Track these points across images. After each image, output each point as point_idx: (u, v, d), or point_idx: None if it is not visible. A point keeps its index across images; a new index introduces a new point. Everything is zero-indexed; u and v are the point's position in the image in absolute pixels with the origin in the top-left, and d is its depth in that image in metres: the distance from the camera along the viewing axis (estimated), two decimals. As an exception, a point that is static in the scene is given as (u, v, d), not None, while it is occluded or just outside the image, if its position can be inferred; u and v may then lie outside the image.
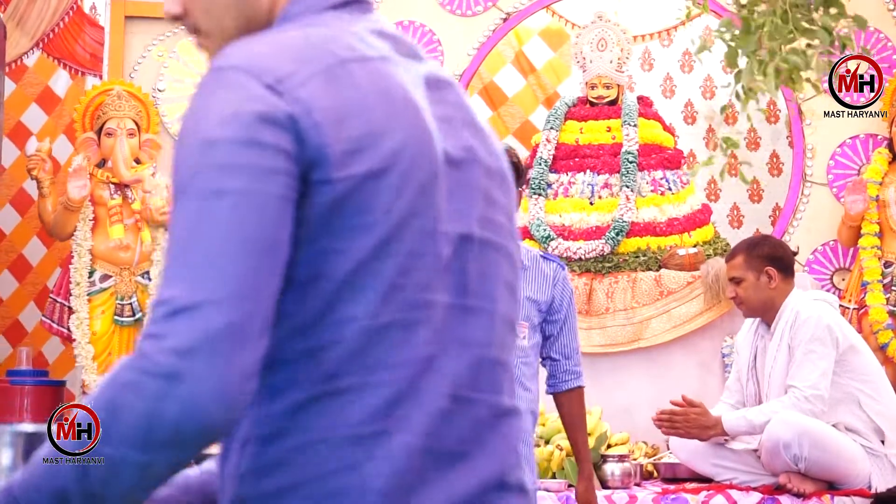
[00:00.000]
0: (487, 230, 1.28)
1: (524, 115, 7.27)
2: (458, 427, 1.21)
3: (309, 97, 1.15)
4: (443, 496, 1.18)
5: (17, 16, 6.16)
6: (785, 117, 6.54)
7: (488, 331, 1.26)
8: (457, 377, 1.21)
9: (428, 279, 1.19)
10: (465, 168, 1.27)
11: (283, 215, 1.12)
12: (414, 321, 1.18)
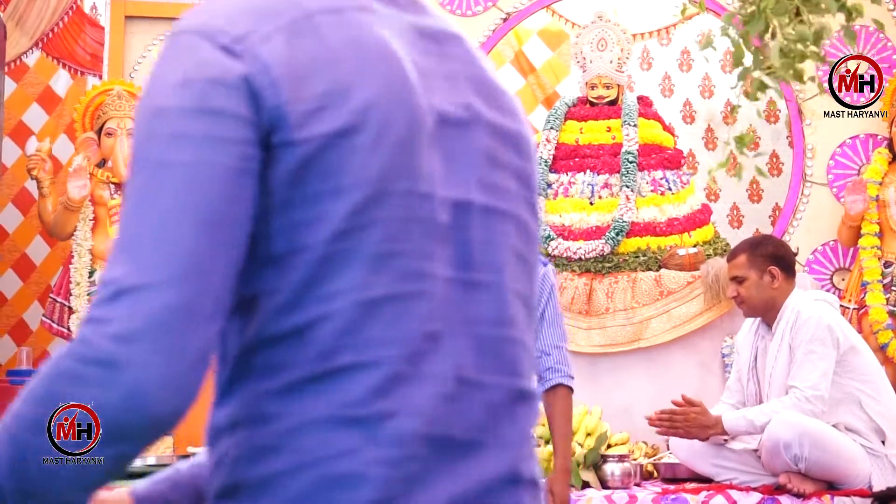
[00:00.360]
0: (492, 196, 1.18)
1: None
2: (468, 413, 1.12)
3: (268, 55, 1.06)
4: (451, 489, 1.09)
5: (16, 15, 6.16)
6: (785, 117, 6.54)
7: (498, 307, 1.17)
8: (462, 358, 1.12)
9: (423, 247, 1.10)
10: (463, 128, 1.17)
11: (239, 187, 1.03)
12: (410, 294, 1.09)
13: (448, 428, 1.10)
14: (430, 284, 1.10)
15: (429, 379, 1.09)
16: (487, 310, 1.16)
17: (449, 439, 1.10)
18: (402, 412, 1.07)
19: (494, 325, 1.16)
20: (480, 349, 1.14)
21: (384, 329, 1.07)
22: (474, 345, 1.14)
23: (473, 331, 1.14)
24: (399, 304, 1.08)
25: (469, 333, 1.14)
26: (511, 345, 1.18)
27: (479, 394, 1.14)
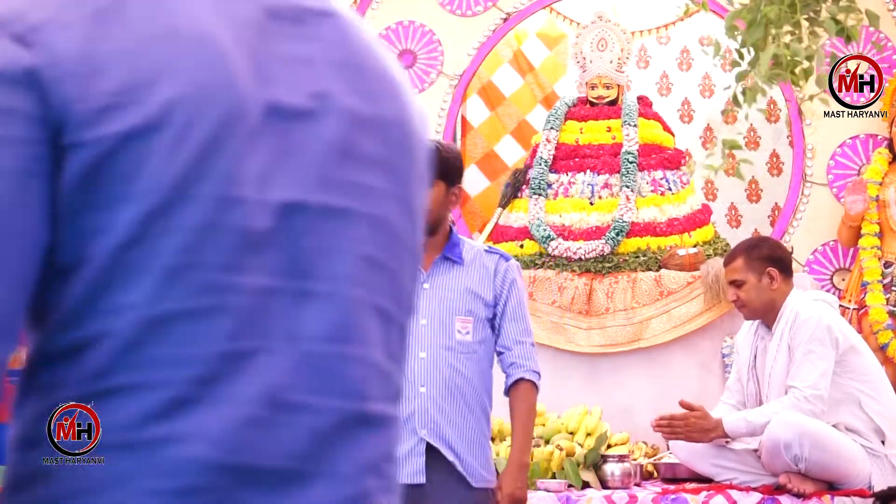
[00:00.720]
0: (338, 195, 1.04)
1: (521, 115, 7.27)
2: (286, 439, 0.98)
3: (62, 45, 0.94)
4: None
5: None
6: (785, 117, 6.54)
7: (334, 320, 1.02)
8: (280, 377, 0.98)
9: (230, 258, 0.97)
10: (306, 119, 1.03)
11: (26, 192, 0.92)
12: (209, 309, 0.96)
13: (255, 456, 0.97)
14: (235, 299, 0.97)
15: (227, 402, 0.96)
16: (319, 324, 1.02)
17: (257, 469, 0.97)
18: (188, 438, 0.95)
19: (328, 341, 1.02)
20: (307, 368, 1.01)
21: (173, 348, 0.95)
22: (299, 363, 1.00)
23: (300, 348, 1.01)
24: (194, 322, 0.96)
25: (293, 350, 1.00)
26: (351, 363, 1.04)
27: (302, 418, 1.00)
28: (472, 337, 3.33)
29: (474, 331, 3.33)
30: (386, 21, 6.37)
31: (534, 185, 5.99)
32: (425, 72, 6.34)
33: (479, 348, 3.34)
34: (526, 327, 3.43)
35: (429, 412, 3.23)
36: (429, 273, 3.34)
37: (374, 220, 1.06)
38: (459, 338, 3.30)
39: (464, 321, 3.32)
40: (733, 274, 4.52)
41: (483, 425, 3.35)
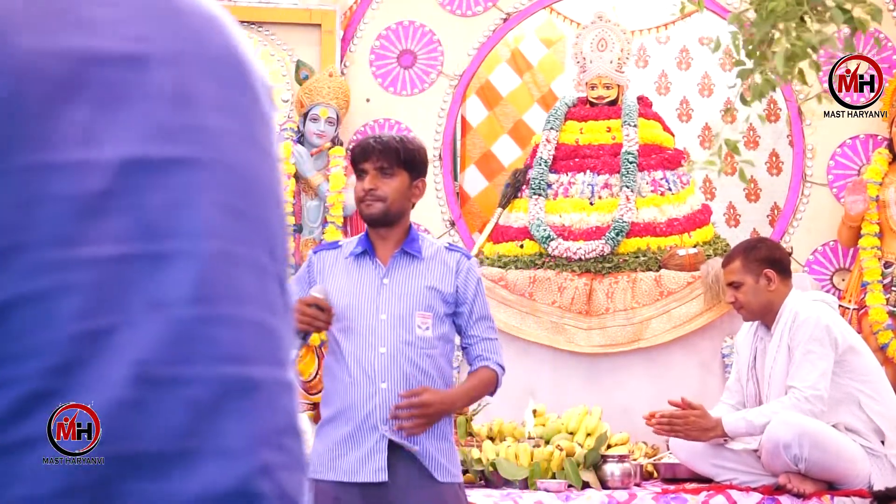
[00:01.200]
0: (179, 144, 0.92)
1: (518, 115, 7.27)
2: (164, 418, 0.88)
3: None
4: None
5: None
6: (785, 116, 6.54)
7: (197, 280, 0.91)
8: (147, 351, 0.88)
9: (64, 230, 0.87)
10: (132, 66, 0.92)
11: None
12: (49, 290, 0.86)
13: (135, 442, 0.88)
14: (79, 274, 0.87)
15: (93, 388, 0.86)
16: (183, 286, 0.90)
17: (139, 455, 0.88)
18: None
19: (195, 303, 0.90)
20: (176, 336, 0.89)
21: (15, 340, 0.85)
22: (166, 332, 0.89)
23: (165, 315, 0.89)
24: (33, 306, 0.85)
25: (158, 319, 0.89)
26: (225, 324, 0.92)
27: (179, 391, 0.89)
28: (432, 332, 3.30)
29: (433, 326, 3.31)
30: (386, 21, 6.37)
31: (534, 186, 5.99)
32: (425, 72, 6.34)
33: (438, 344, 3.32)
34: (492, 325, 3.45)
35: (390, 408, 3.22)
36: (388, 267, 3.32)
37: (225, 166, 0.95)
38: (420, 333, 3.28)
39: (423, 316, 3.29)
40: (731, 275, 4.53)
41: (445, 420, 3.33)
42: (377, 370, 3.23)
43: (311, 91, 5.97)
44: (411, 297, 3.30)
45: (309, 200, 5.94)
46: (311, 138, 5.98)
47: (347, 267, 3.35)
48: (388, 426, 3.20)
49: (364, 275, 3.33)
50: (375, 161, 3.29)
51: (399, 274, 3.33)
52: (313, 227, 5.93)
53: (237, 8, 6.32)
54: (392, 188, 3.29)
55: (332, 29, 6.26)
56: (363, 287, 3.32)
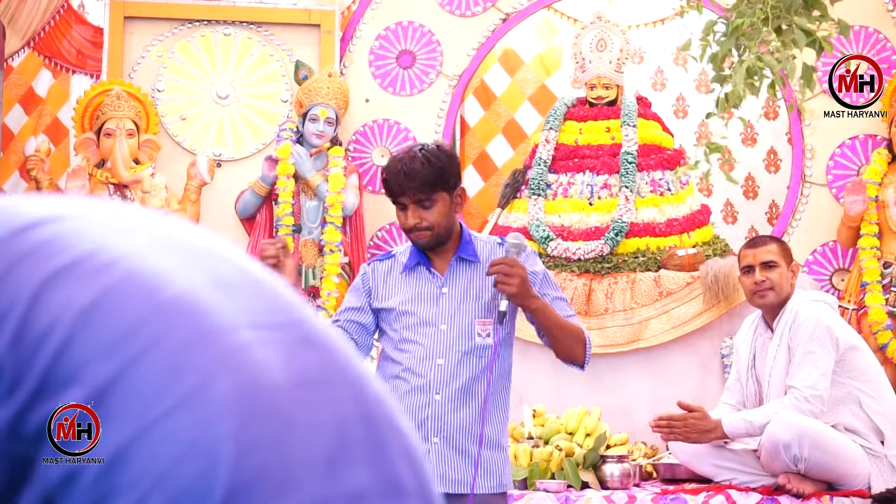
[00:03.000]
0: None
1: (510, 114, 7.26)
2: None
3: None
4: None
5: (7, 15, 6.15)
6: (784, 114, 6.55)
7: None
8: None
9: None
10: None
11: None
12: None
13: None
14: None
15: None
16: None
17: None
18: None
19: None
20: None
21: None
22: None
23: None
24: None
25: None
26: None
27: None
28: (493, 339, 3.23)
29: (493, 332, 3.24)
30: (385, 21, 6.37)
31: (533, 186, 5.99)
32: (424, 72, 6.34)
33: (499, 350, 3.25)
34: (567, 304, 3.34)
35: (442, 419, 3.17)
36: (445, 276, 3.25)
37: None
38: (479, 341, 3.21)
39: (483, 323, 3.23)
40: (770, 255, 4.47)
41: (499, 429, 3.25)
42: (433, 382, 3.18)
43: (310, 91, 5.97)
44: (470, 304, 3.23)
45: (308, 201, 5.94)
46: (310, 139, 5.98)
47: (404, 279, 3.27)
48: (441, 438, 3.17)
49: (421, 286, 3.26)
50: (412, 195, 3.18)
51: (458, 281, 3.26)
52: (312, 227, 5.93)
53: (237, 8, 6.32)
54: (437, 214, 3.20)
55: (331, 29, 6.26)
56: (421, 298, 3.24)
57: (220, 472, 0.77)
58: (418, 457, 0.87)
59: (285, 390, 0.83)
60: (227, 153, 6.20)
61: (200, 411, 0.79)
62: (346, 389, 0.86)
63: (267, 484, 0.78)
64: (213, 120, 6.22)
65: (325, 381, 0.86)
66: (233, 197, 6.03)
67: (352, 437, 0.84)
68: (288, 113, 6.20)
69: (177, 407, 0.79)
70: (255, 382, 0.81)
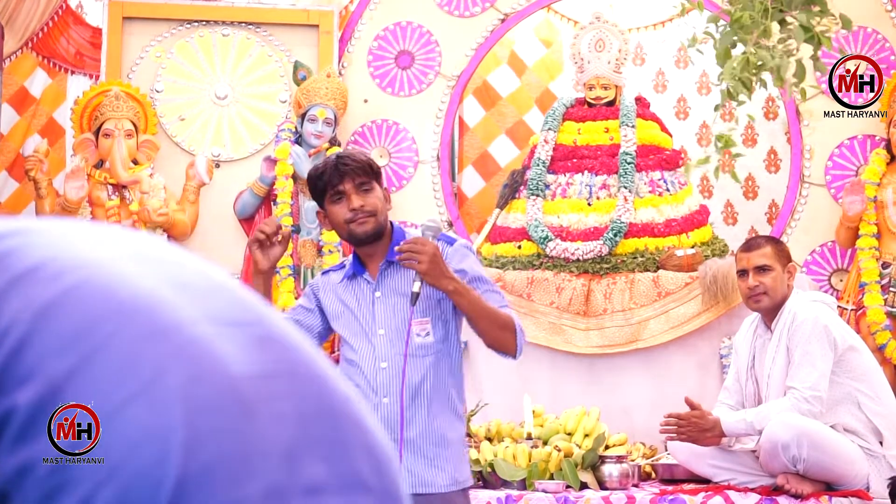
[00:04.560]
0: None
1: (519, 115, 7.26)
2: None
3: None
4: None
5: (5, 15, 6.15)
6: (783, 115, 6.55)
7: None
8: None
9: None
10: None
11: None
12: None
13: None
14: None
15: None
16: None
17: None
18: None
19: None
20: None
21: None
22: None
23: None
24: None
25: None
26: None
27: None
28: (433, 336, 3.24)
29: (434, 329, 3.24)
30: (384, 22, 6.37)
31: (532, 186, 5.99)
32: (423, 73, 6.34)
33: (441, 346, 3.25)
34: (501, 296, 3.32)
35: (391, 422, 3.18)
36: (377, 281, 3.26)
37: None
38: (419, 341, 3.22)
39: (421, 323, 3.23)
40: (764, 259, 4.45)
41: (455, 425, 3.25)
42: (379, 385, 3.19)
43: (308, 92, 5.97)
44: (404, 305, 3.23)
45: (307, 201, 5.93)
46: (308, 139, 5.98)
47: (345, 287, 3.30)
48: (394, 439, 3.18)
49: (358, 293, 3.28)
50: (352, 180, 3.22)
51: (389, 284, 3.26)
52: (311, 227, 5.93)
53: (235, 9, 6.32)
54: (376, 199, 3.24)
55: (329, 30, 6.26)
56: (359, 306, 3.27)
57: (171, 461, 0.77)
58: (384, 455, 0.88)
59: (244, 381, 0.83)
60: (226, 154, 6.20)
61: (152, 403, 0.79)
62: (308, 384, 0.87)
63: (220, 472, 0.79)
64: (211, 120, 6.22)
65: (286, 375, 0.86)
66: (231, 197, 6.03)
67: (312, 431, 0.85)
68: (286, 113, 6.19)
69: (130, 399, 0.79)
70: (209, 373, 0.82)
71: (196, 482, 0.78)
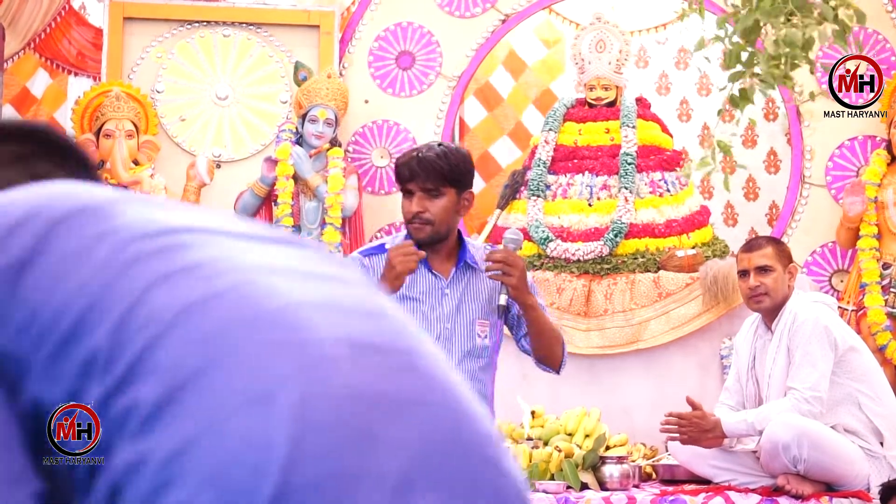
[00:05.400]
0: None
1: (518, 116, 7.26)
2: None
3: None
4: None
5: (8, 16, 6.15)
6: (784, 115, 6.55)
7: None
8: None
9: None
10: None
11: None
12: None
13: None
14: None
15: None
16: None
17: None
18: None
19: None
20: None
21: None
22: None
23: None
24: None
25: None
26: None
27: None
28: (489, 341, 3.32)
29: (490, 335, 3.32)
30: (384, 22, 6.37)
31: (532, 187, 5.99)
32: (424, 73, 6.34)
33: (492, 354, 3.34)
34: (549, 311, 3.43)
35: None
36: (449, 279, 3.32)
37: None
38: (479, 342, 3.28)
39: (483, 324, 3.30)
40: (765, 259, 4.45)
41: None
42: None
43: (309, 92, 5.97)
44: (471, 304, 3.29)
45: (307, 202, 5.94)
46: (309, 139, 5.98)
47: (408, 277, 3.28)
48: None
49: (424, 282, 3.30)
50: (422, 182, 3.22)
51: (459, 284, 3.32)
52: (312, 228, 5.93)
53: (236, 9, 6.32)
54: (440, 208, 3.23)
55: (330, 30, 6.26)
56: (425, 294, 3.29)
57: (271, 474, 0.79)
58: (510, 495, 0.88)
59: (367, 405, 0.85)
60: (227, 154, 6.20)
61: (263, 415, 0.82)
62: (441, 418, 0.88)
63: (322, 492, 0.81)
64: (212, 121, 6.22)
65: (419, 406, 0.88)
66: (232, 198, 6.03)
67: (434, 464, 0.86)
68: (287, 114, 6.20)
69: (242, 408, 0.82)
70: (329, 393, 0.84)
71: (294, 497, 0.80)
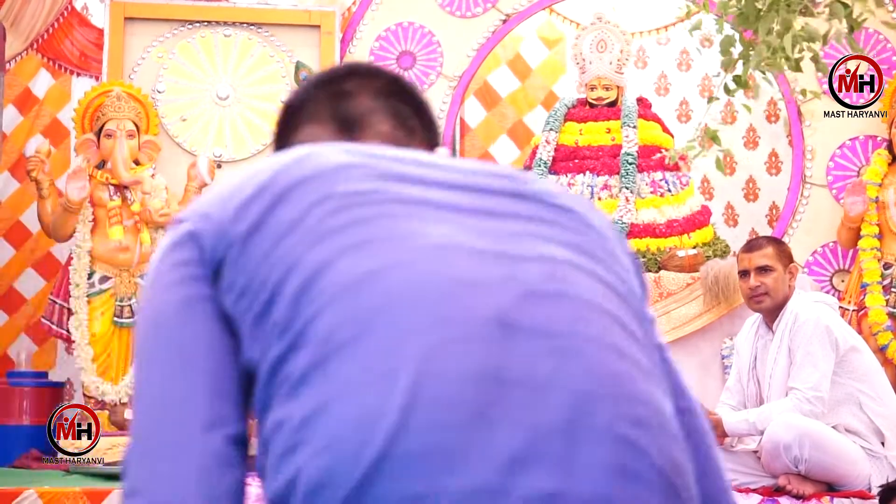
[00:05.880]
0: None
1: (518, 116, 7.26)
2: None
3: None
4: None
5: (10, 17, 6.15)
6: (784, 117, 6.54)
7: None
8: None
9: None
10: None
11: (191, 310, 1.06)
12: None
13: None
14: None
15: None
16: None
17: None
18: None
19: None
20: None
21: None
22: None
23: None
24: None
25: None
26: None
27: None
28: None
29: None
30: (385, 22, 6.37)
31: (533, 187, 5.98)
32: (424, 73, 6.34)
33: None
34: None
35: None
36: None
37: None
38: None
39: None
40: (765, 259, 4.45)
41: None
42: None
43: (310, 92, 5.96)
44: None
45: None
46: (310, 139, 5.97)
47: None
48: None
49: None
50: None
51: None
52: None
53: (237, 9, 6.33)
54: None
55: (331, 30, 6.27)
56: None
57: (374, 443, 0.89)
58: (623, 471, 0.94)
59: (487, 387, 0.91)
60: (228, 154, 6.20)
61: (383, 391, 0.90)
62: (559, 399, 0.93)
63: (426, 461, 0.89)
64: (213, 121, 6.22)
65: (537, 387, 0.93)
66: (233, 198, 6.02)
67: (548, 445, 0.92)
68: (288, 114, 6.19)
69: (367, 384, 0.91)
70: (450, 374, 0.91)
71: (395, 465, 0.89)
